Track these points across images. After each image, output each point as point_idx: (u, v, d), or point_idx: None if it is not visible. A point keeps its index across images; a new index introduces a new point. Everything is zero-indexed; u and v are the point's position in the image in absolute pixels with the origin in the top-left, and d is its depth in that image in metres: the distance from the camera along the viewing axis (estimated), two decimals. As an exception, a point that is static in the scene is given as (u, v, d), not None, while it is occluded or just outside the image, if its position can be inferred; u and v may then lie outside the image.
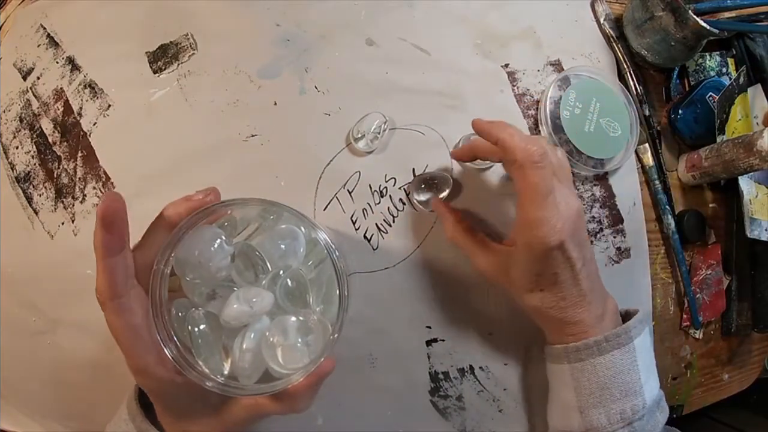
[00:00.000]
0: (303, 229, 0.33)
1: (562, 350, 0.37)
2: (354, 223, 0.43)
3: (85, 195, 0.43)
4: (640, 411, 0.35)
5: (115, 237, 0.27)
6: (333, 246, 0.31)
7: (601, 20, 0.49)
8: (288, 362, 0.30)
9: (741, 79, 0.49)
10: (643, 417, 0.35)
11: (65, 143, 0.44)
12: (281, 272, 0.32)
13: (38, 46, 0.46)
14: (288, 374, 0.30)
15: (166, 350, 0.28)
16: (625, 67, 0.48)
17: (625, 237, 0.46)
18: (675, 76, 0.50)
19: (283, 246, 0.32)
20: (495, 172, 0.44)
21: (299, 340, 0.31)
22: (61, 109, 0.45)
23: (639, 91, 0.48)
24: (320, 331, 0.31)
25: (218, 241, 0.30)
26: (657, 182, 0.47)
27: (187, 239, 0.30)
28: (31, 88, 0.46)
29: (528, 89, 0.46)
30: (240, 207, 0.33)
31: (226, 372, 0.31)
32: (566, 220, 0.33)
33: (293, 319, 0.31)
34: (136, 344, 0.28)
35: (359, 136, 0.43)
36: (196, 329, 0.30)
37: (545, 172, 0.32)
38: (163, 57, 0.44)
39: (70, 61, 0.45)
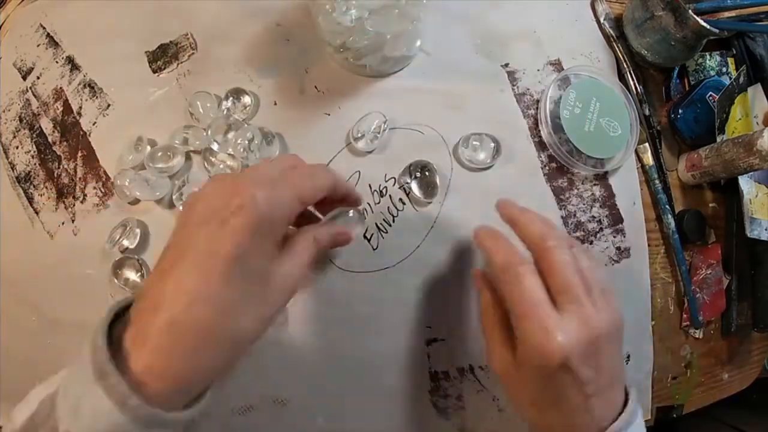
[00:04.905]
0: None
1: None
2: (354, 223, 0.43)
3: (85, 195, 0.43)
4: None
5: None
6: None
7: (601, 20, 0.49)
8: None
9: (741, 79, 0.48)
10: None
11: (65, 143, 0.44)
12: None
13: (38, 45, 0.46)
14: None
15: None
16: (625, 66, 0.48)
17: (624, 237, 0.46)
18: (675, 75, 0.50)
19: None
20: (494, 173, 0.44)
21: None
22: (61, 109, 0.45)
23: (639, 90, 0.48)
24: None
25: None
26: (657, 182, 0.47)
27: None
28: (30, 88, 0.46)
29: (528, 89, 0.46)
30: None
31: None
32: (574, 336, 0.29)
33: None
34: None
35: (359, 136, 0.43)
36: None
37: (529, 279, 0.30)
38: (162, 56, 0.44)
39: (70, 60, 0.45)
